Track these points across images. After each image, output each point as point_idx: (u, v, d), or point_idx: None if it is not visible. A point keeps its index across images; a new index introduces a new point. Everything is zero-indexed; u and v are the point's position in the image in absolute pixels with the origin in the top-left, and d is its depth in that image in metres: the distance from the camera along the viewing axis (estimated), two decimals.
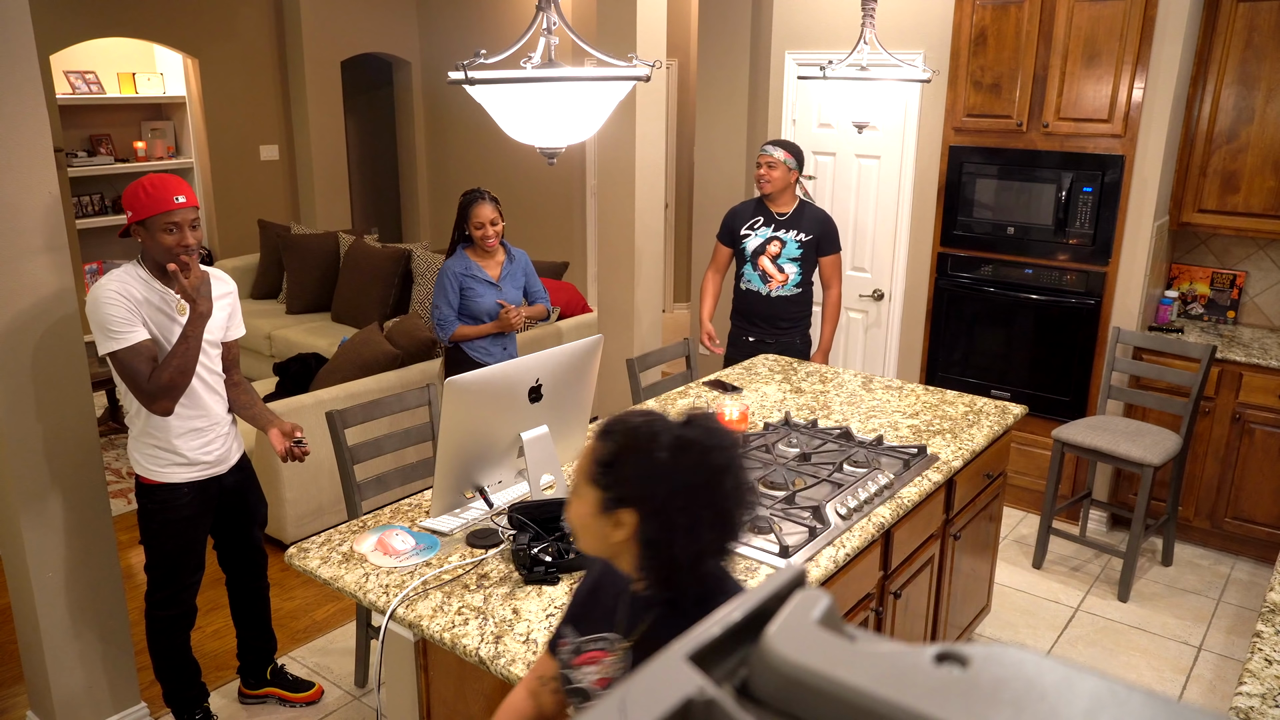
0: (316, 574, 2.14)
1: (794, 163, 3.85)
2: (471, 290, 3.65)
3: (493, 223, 3.61)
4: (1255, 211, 4.02)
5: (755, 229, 3.96)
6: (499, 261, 3.72)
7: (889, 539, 2.50)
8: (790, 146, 3.87)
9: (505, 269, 3.73)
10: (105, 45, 6.46)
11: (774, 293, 3.96)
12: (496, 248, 3.69)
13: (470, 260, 3.66)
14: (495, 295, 3.68)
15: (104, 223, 6.62)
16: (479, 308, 3.66)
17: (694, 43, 7.12)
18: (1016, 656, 0.37)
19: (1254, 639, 1.81)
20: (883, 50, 3.32)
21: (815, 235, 3.91)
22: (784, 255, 3.92)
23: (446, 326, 3.65)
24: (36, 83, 2.45)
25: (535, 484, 2.30)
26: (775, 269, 3.93)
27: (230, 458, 2.74)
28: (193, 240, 2.45)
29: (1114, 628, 3.57)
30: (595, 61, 1.94)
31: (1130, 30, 3.81)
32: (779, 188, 3.87)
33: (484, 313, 3.67)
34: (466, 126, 7.35)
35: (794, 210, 3.93)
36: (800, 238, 3.90)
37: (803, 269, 3.94)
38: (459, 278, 3.63)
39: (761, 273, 3.95)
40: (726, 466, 1.34)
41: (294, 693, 3.07)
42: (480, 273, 3.66)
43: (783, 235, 3.91)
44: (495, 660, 1.80)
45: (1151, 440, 3.74)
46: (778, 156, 3.83)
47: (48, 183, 2.51)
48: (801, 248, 3.91)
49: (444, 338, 3.69)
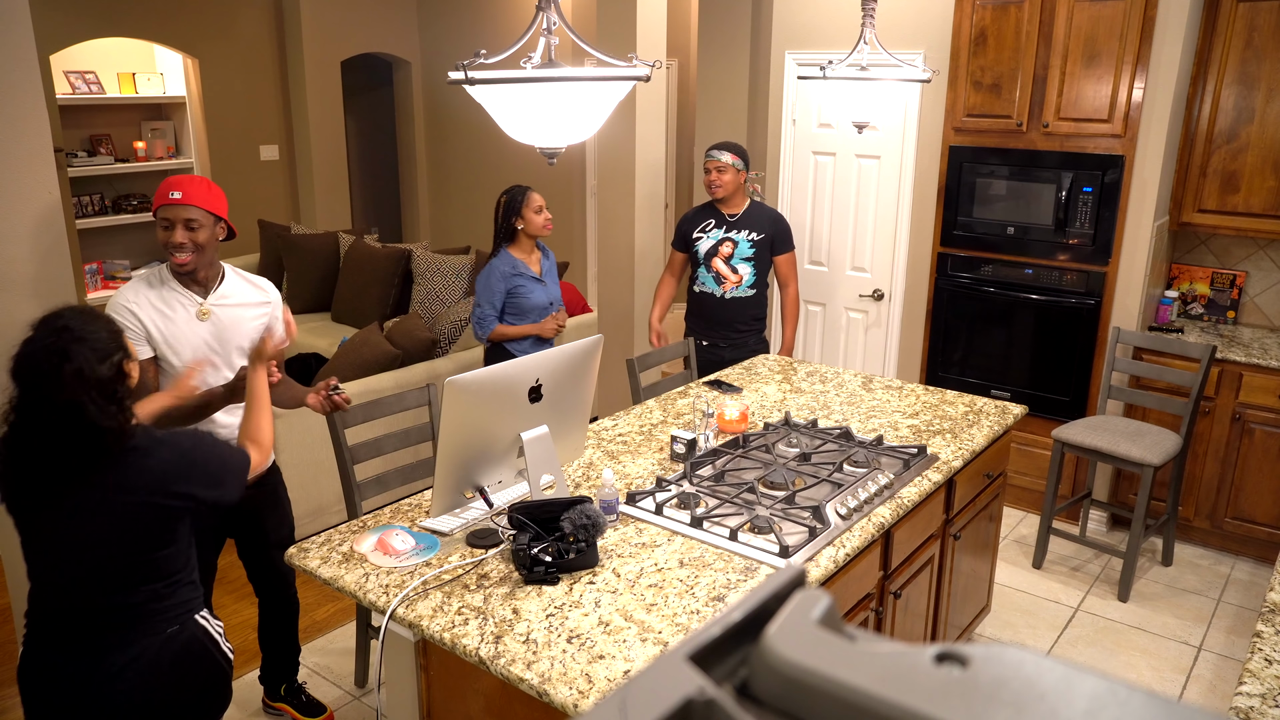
0: (316, 574, 2.14)
1: (741, 164, 3.89)
2: (522, 288, 3.66)
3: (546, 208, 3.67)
4: (1255, 211, 4.02)
5: (707, 231, 3.98)
6: (537, 258, 3.75)
7: (889, 539, 2.50)
8: (735, 148, 3.90)
9: (544, 266, 3.77)
10: (105, 45, 6.46)
11: (728, 294, 3.97)
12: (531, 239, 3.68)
13: (516, 259, 3.68)
14: (543, 291, 3.70)
15: (104, 223, 6.62)
16: (529, 304, 3.67)
17: (694, 43, 7.12)
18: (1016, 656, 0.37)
19: (1254, 639, 1.81)
20: (883, 50, 3.32)
21: (768, 234, 3.94)
22: (736, 255, 3.93)
23: (486, 325, 3.66)
24: (36, 83, 2.45)
25: (535, 484, 2.30)
26: (729, 270, 3.94)
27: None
28: (183, 239, 2.37)
29: (1114, 628, 3.57)
30: (595, 61, 1.94)
31: (1130, 30, 3.81)
32: (730, 190, 3.91)
33: (534, 309, 3.68)
34: (466, 126, 7.35)
35: (745, 210, 3.96)
36: (752, 237, 3.92)
37: (757, 269, 3.96)
38: (507, 278, 3.64)
39: (715, 274, 3.97)
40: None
41: (304, 715, 3.01)
42: (528, 270, 3.68)
43: (734, 236, 3.93)
44: (495, 660, 1.80)
45: (1151, 440, 3.74)
46: (725, 160, 3.86)
47: (48, 183, 2.52)
48: (754, 247, 3.93)
49: (482, 337, 3.69)
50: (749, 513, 2.33)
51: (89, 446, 1.78)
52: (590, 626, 1.90)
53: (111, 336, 1.83)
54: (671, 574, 2.10)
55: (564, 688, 1.72)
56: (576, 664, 1.78)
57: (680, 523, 2.32)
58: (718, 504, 2.39)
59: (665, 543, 2.24)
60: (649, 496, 2.44)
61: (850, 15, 4.46)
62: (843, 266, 4.93)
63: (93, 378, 1.75)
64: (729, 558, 2.17)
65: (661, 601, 1.99)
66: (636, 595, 2.01)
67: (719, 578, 2.09)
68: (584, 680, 1.73)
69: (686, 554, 2.19)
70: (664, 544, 2.24)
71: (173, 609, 1.95)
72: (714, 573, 2.11)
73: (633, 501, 2.42)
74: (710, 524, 2.30)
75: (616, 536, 2.27)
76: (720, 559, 2.17)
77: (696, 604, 1.99)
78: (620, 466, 2.69)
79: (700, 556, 2.18)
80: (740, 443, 2.79)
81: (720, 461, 2.68)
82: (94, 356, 1.76)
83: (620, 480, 2.60)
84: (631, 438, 2.92)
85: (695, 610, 1.97)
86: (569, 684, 1.72)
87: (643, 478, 2.62)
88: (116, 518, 1.83)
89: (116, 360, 1.81)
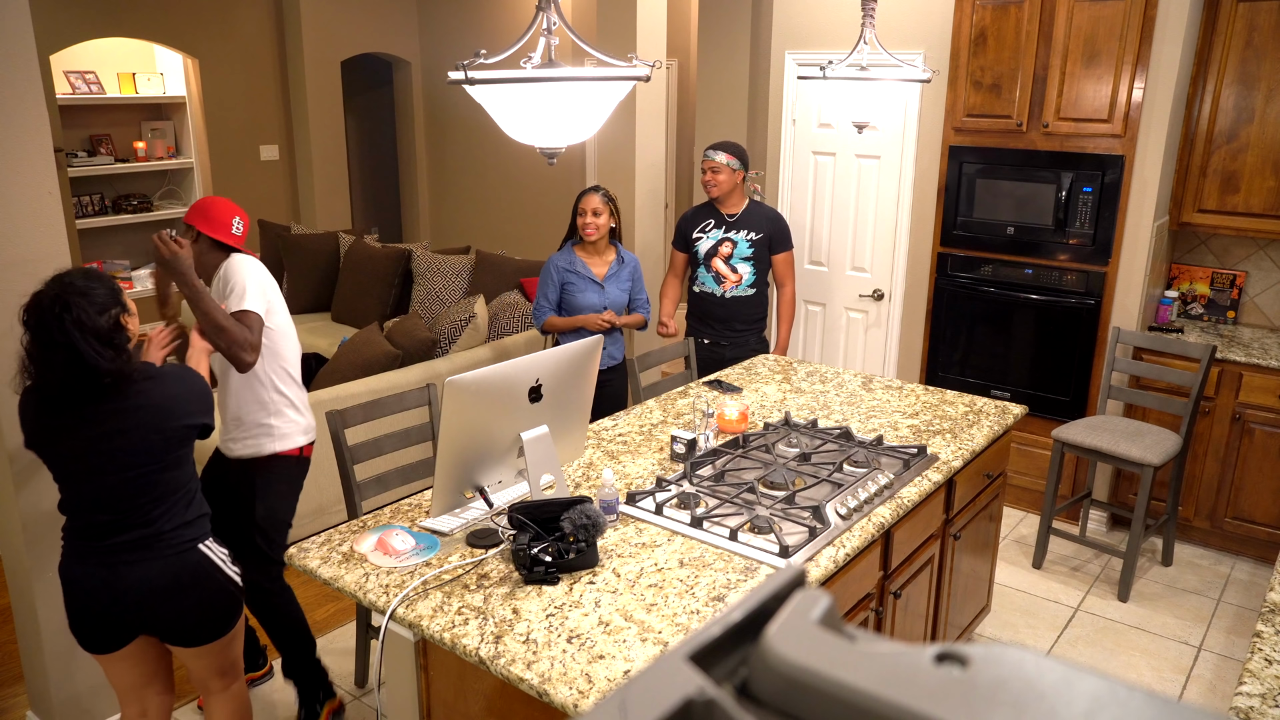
0: (316, 574, 2.14)
1: (737, 164, 3.89)
2: (572, 285, 3.74)
3: (595, 213, 3.69)
4: (1255, 211, 4.02)
5: (706, 231, 4.00)
6: (607, 261, 3.80)
7: (889, 539, 2.50)
8: (732, 148, 3.91)
9: (612, 269, 3.81)
10: (105, 45, 6.46)
11: (728, 293, 3.98)
12: (599, 241, 3.74)
13: (575, 256, 3.76)
14: (598, 294, 3.75)
15: (104, 223, 6.62)
16: (578, 303, 3.75)
17: (694, 43, 7.12)
18: (1016, 656, 0.37)
19: (1254, 639, 1.81)
20: (883, 50, 3.32)
21: (766, 234, 3.95)
22: (736, 255, 3.94)
23: (540, 316, 3.80)
24: (36, 83, 2.45)
25: (535, 484, 2.30)
26: (728, 269, 3.96)
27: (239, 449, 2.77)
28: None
29: (1114, 628, 3.57)
30: (595, 61, 1.94)
31: (1130, 30, 3.81)
32: (726, 190, 3.92)
33: (584, 308, 3.75)
34: (466, 126, 7.35)
35: (744, 210, 3.97)
36: (751, 237, 3.93)
37: (756, 269, 3.97)
38: (561, 272, 3.75)
39: (715, 274, 3.98)
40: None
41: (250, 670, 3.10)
42: (584, 269, 3.74)
43: (733, 236, 3.95)
44: (495, 660, 1.80)
45: (1151, 440, 3.74)
46: (720, 160, 3.87)
47: (48, 183, 2.52)
48: (753, 247, 3.94)
49: (537, 325, 3.85)
50: (749, 513, 2.33)
51: (90, 385, 2.05)
52: (590, 626, 1.90)
53: (110, 294, 2.09)
54: (671, 574, 2.10)
55: (564, 688, 1.72)
56: (576, 664, 1.78)
57: (680, 523, 2.32)
58: (718, 504, 2.39)
59: (665, 543, 2.24)
60: (649, 496, 2.44)
61: (850, 15, 4.46)
62: (843, 266, 4.93)
63: (90, 326, 2.02)
64: (729, 558, 2.17)
65: (661, 601, 1.99)
66: (636, 595, 2.01)
67: (719, 578, 2.09)
68: (584, 680, 1.73)
69: (686, 554, 2.19)
70: (664, 544, 2.24)
71: (178, 535, 2.19)
72: (714, 573, 2.11)
73: (633, 501, 2.42)
74: (710, 524, 2.30)
75: (616, 536, 2.27)
76: (720, 559, 2.17)
77: (696, 604, 1.99)
78: (620, 466, 2.69)
79: (700, 556, 2.18)
80: (740, 443, 2.79)
81: (720, 461, 2.68)
82: (92, 309, 2.03)
83: (620, 480, 2.60)
84: (631, 438, 2.92)
85: (695, 610, 1.97)
86: (569, 684, 1.72)
87: (643, 478, 2.62)
88: (124, 447, 2.09)
89: (114, 314, 2.07)
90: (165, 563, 2.17)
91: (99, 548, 2.14)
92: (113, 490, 2.11)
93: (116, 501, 2.12)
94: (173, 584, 2.17)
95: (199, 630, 2.27)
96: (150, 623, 2.21)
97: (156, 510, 2.16)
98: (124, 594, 2.14)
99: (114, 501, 2.12)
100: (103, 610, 2.17)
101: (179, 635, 2.26)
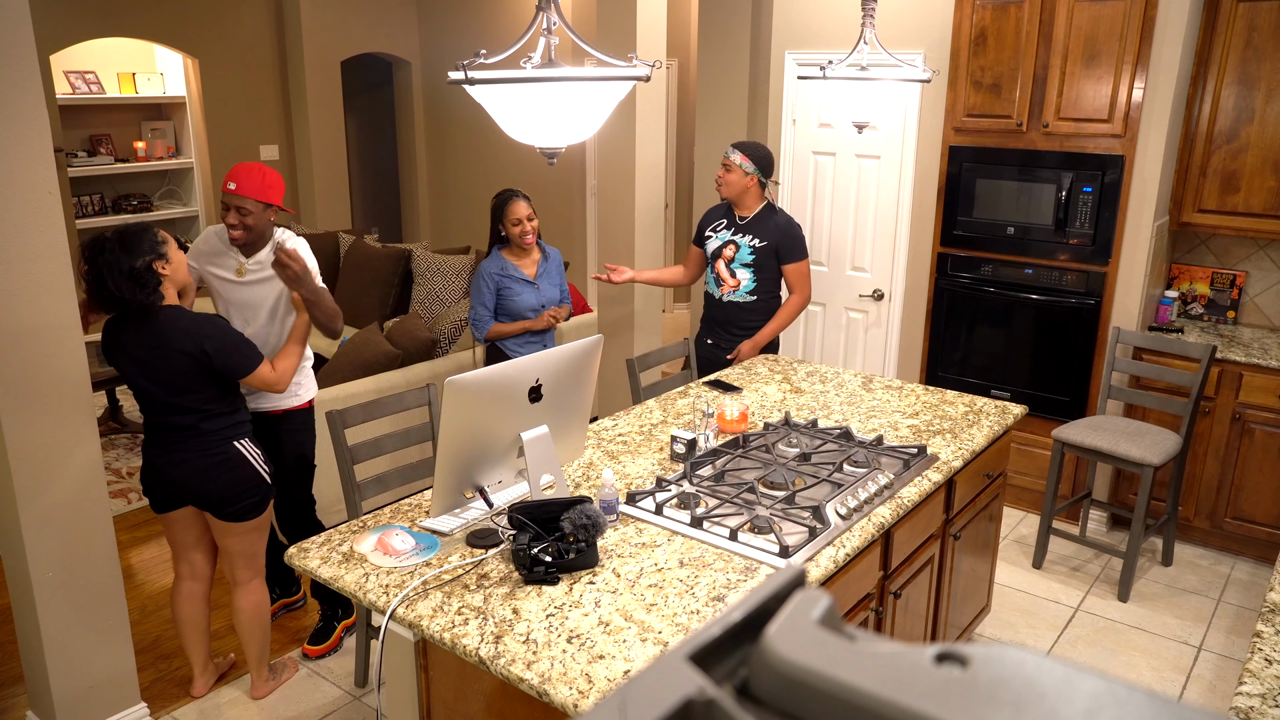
0: (316, 574, 2.14)
1: (751, 166, 3.76)
2: (509, 289, 3.72)
3: (529, 218, 3.70)
4: (1255, 211, 4.02)
5: (718, 231, 3.91)
6: (535, 260, 3.79)
7: (889, 539, 2.50)
8: (750, 149, 3.79)
9: (541, 267, 3.80)
10: (105, 45, 6.46)
11: (725, 297, 3.89)
12: (533, 245, 3.76)
13: (506, 260, 3.74)
14: (533, 294, 3.75)
15: (104, 223, 6.61)
16: (517, 306, 3.73)
17: (694, 43, 7.12)
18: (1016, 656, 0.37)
19: (1254, 639, 1.81)
20: (883, 50, 3.32)
21: (772, 242, 3.80)
22: (736, 260, 3.84)
23: (481, 326, 3.76)
24: (36, 83, 2.45)
25: (535, 484, 2.30)
26: (728, 273, 3.87)
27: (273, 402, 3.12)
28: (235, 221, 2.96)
29: (1114, 628, 3.57)
30: (595, 61, 1.94)
31: (1130, 30, 3.81)
32: (734, 192, 3.81)
33: (524, 310, 3.74)
34: (466, 126, 7.35)
35: (755, 215, 3.83)
36: (755, 243, 3.80)
37: (757, 276, 3.83)
38: (495, 278, 3.72)
39: (716, 275, 3.92)
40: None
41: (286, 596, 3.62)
42: (517, 272, 3.73)
43: (738, 239, 3.84)
44: (495, 660, 1.80)
45: (1151, 440, 3.74)
46: (734, 159, 3.78)
47: (48, 183, 2.51)
48: (755, 254, 3.81)
49: (479, 337, 3.80)
50: (749, 513, 2.33)
51: (124, 310, 2.66)
52: (590, 626, 1.90)
53: (150, 244, 2.65)
54: (671, 574, 2.10)
55: (564, 688, 1.72)
56: (576, 664, 1.78)
57: (680, 523, 2.32)
58: (718, 504, 2.39)
59: (665, 543, 2.24)
60: (649, 496, 2.44)
61: (850, 15, 4.46)
62: (843, 266, 4.93)
63: (117, 267, 2.59)
64: (729, 558, 2.17)
65: (661, 601, 1.99)
66: (636, 595, 2.01)
67: (719, 578, 2.09)
68: (584, 680, 1.73)
69: (686, 554, 2.19)
70: (664, 544, 2.24)
71: (214, 433, 2.78)
72: (714, 573, 2.11)
73: (633, 501, 2.42)
74: (710, 524, 2.30)
75: (616, 536, 2.27)
76: (720, 559, 2.17)
77: (696, 604, 1.99)
78: (620, 466, 2.69)
79: (700, 556, 2.18)
80: (740, 443, 2.79)
81: (720, 461, 2.68)
82: (124, 254, 2.60)
83: (620, 480, 2.60)
84: (631, 438, 2.92)
85: (695, 610, 1.97)
86: (569, 684, 1.72)
87: (643, 478, 2.62)
88: (158, 361, 2.68)
89: (147, 260, 2.63)
90: (204, 451, 2.76)
91: (157, 435, 2.79)
92: (159, 394, 2.71)
93: (163, 402, 2.73)
94: (209, 467, 2.77)
95: (227, 506, 2.81)
96: (193, 494, 2.81)
97: (194, 414, 2.74)
98: (172, 469, 2.78)
99: (162, 402, 2.73)
100: (158, 479, 2.82)
101: (213, 506, 2.82)
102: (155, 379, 2.71)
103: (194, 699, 3.08)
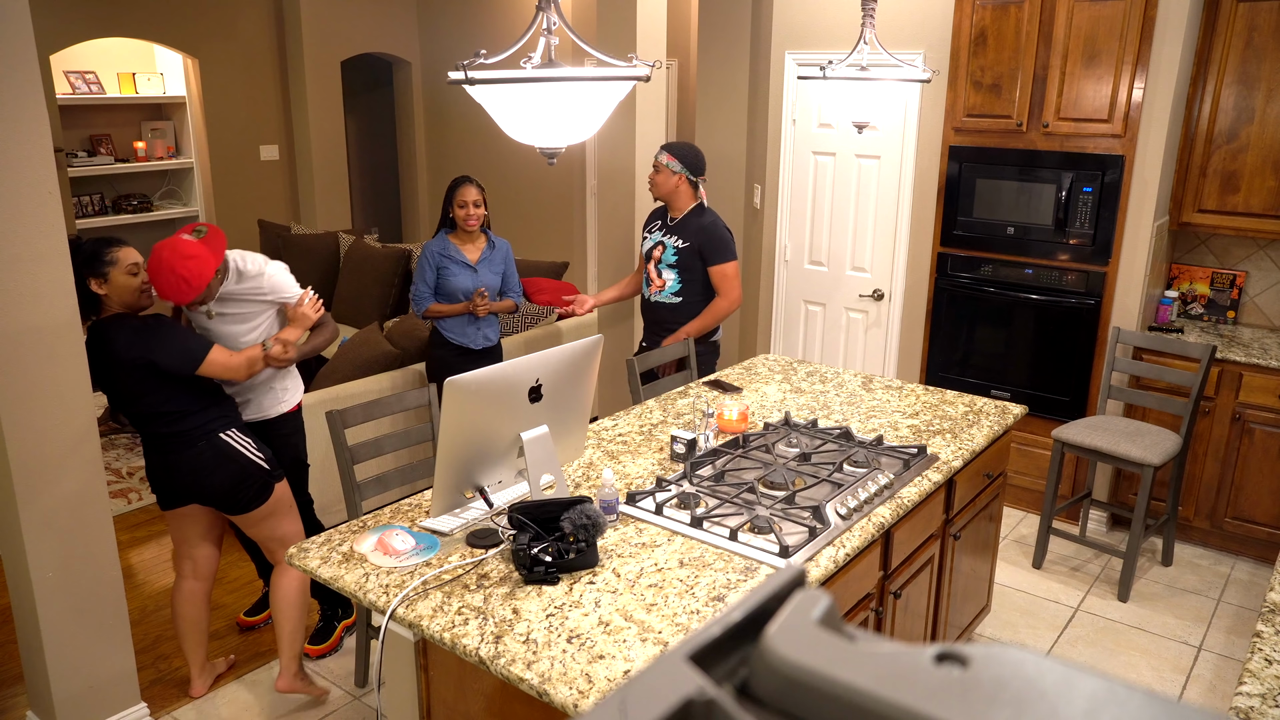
0: (316, 574, 2.14)
1: (679, 165, 3.74)
2: (447, 270, 3.79)
3: (475, 204, 3.76)
4: (1255, 211, 4.02)
5: (652, 232, 3.92)
6: (479, 246, 3.85)
7: (889, 539, 2.50)
8: (678, 149, 3.77)
9: (485, 254, 3.85)
10: (105, 45, 6.46)
11: (653, 297, 3.89)
12: (476, 231, 3.81)
13: (449, 243, 3.82)
14: (470, 277, 3.81)
15: (104, 223, 6.61)
16: (453, 287, 3.80)
17: (694, 43, 7.12)
18: (1016, 656, 0.37)
19: (1254, 639, 1.81)
20: (883, 50, 3.32)
21: (695, 243, 3.75)
22: (662, 261, 3.84)
23: (420, 303, 3.83)
24: (36, 83, 2.45)
25: (535, 484, 2.30)
26: (655, 274, 3.87)
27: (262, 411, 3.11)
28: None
29: (1114, 628, 3.57)
30: (595, 61, 1.94)
31: (1130, 30, 3.81)
32: (663, 192, 3.81)
33: (458, 293, 3.81)
34: (466, 126, 7.35)
35: (684, 216, 3.81)
36: (678, 244, 3.79)
37: (681, 277, 3.80)
38: (436, 257, 3.79)
39: (646, 276, 3.93)
40: None
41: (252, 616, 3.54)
42: (458, 254, 3.80)
43: (666, 240, 3.83)
44: (495, 660, 1.80)
45: (1151, 440, 3.74)
46: (661, 160, 3.77)
47: (47, 183, 2.51)
48: (678, 255, 3.78)
49: (418, 312, 3.88)
50: (749, 513, 2.33)
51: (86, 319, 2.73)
52: (590, 626, 1.90)
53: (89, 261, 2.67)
54: (671, 574, 2.10)
55: (564, 688, 1.72)
56: (576, 664, 1.78)
57: (680, 523, 2.32)
58: (718, 504, 2.39)
59: (665, 543, 2.24)
60: (649, 496, 2.44)
61: (850, 15, 4.46)
62: (843, 266, 4.94)
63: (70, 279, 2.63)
64: (729, 558, 2.17)
65: (661, 601, 1.99)
66: (636, 595, 2.01)
67: (719, 578, 2.09)
68: (584, 680, 1.73)
69: (686, 554, 2.19)
70: (664, 544, 2.24)
71: (196, 429, 2.79)
72: (714, 573, 2.11)
73: (633, 501, 2.42)
74: (710, 524, 2.30)
75: (616, 536, 2.27)
76: (720, 559, 2.17)
77: (696, 604, 1.99)
78: (620, 466, 2.69)
79: (700, 556, 2.18)
80: (740, 443, 2.79)
81: (720, 461, 2.68)
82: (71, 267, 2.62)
83: (620, 480, 2.60)
84: (631, 438, 2.92)
85: (695, 610, 1.97)
86: (569, 684, 1.72)
87: (643, 478, 2.62)
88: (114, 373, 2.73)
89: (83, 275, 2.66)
90: (194, 449, 2.79)
91: (151, 441, 2.83)
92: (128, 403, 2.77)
93: (135, 410, 2.78)
94: (202, 463, 2.80)
95: (233, 499, 2.85)
96: (194, 492, 2.86)
97: (168, 416, 2.76)
98: (170, 471, 2.83)
99: (134, 410, 2.78)
100: (160, 481, 2.88)
101: (220, 502, 2.87)
102: (117, 391, 2.76)
103: (193, 699, 3.08)
